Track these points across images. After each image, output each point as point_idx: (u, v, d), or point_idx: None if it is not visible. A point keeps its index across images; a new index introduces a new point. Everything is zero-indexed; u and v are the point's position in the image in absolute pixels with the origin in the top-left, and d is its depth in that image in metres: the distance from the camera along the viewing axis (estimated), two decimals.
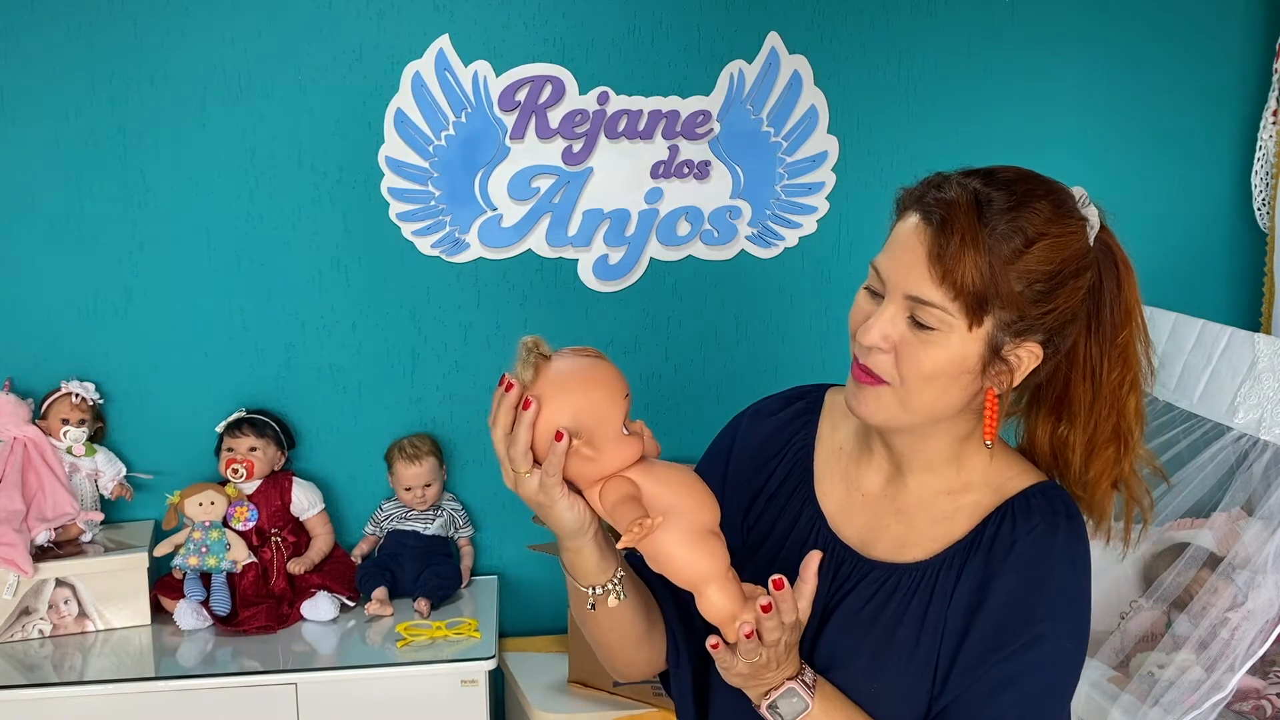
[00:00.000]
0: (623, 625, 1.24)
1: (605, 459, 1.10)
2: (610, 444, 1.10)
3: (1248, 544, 2.47)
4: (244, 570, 2.57)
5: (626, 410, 1.11)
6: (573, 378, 1.10)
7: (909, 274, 1.10)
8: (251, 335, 2.71)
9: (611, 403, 1.10)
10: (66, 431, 2.54)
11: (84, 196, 2.62)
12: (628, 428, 1.11)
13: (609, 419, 1.09)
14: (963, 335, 1.10)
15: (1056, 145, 2.87)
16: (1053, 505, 1.18)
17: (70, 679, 2.33)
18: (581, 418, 1.09)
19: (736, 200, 2.78)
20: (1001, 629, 1.13)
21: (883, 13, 2.77)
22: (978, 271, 1.07)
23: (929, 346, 1.10)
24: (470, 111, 2.67)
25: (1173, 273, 2.96)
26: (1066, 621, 1.14)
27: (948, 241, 1.07)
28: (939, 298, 1.09)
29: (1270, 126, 2.84)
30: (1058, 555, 1.15)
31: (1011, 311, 1.09)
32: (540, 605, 2.84)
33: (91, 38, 2.57)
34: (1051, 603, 1.13)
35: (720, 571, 1.10)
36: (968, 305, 1.08)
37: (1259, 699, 2.33)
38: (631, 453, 1.11)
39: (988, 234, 1.08)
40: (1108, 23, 2.86)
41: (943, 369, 1.11)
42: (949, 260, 1.07)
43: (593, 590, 1.17)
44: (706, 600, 1.10)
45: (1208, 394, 2.50)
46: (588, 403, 1.09)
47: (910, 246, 1.10)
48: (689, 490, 1.12)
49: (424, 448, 2.69)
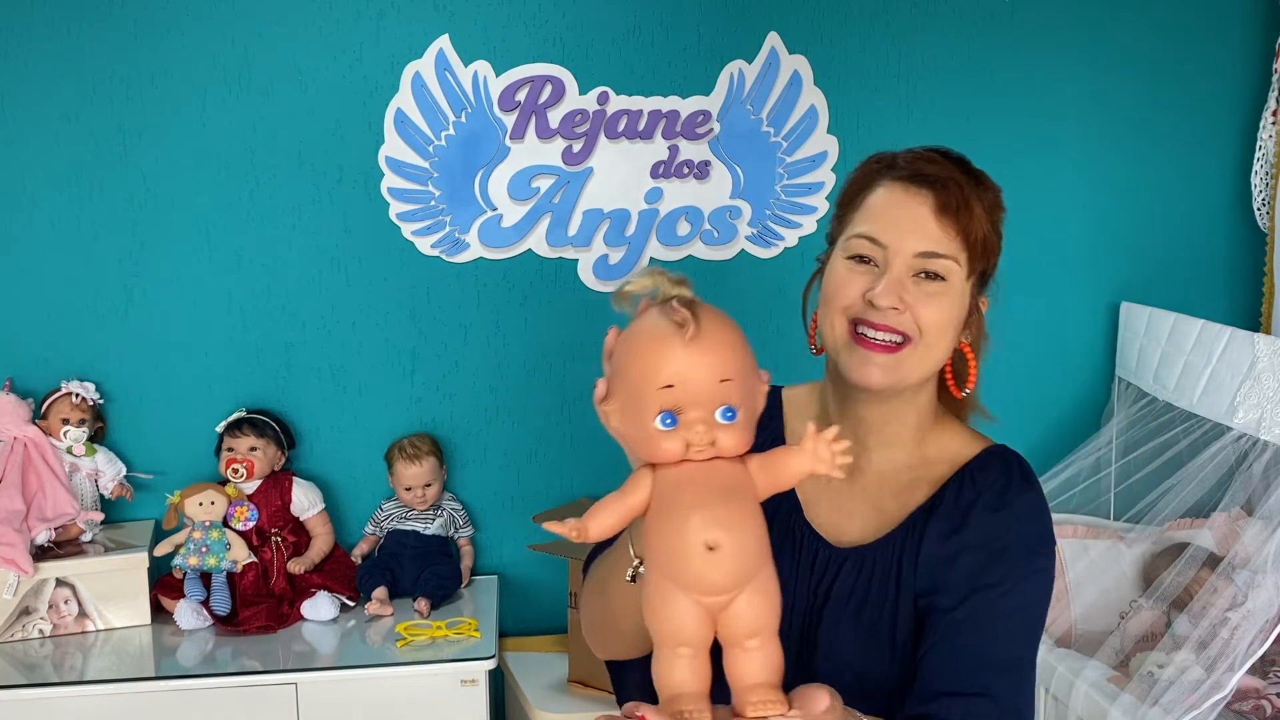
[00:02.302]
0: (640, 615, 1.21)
1: (633, 438, 0.99)
2: (636, 426, 0.98)
3: (1248, 544, 2.48)
4: (244, 570, 2.57)
5: (669, 404, 0.95)
6: (635, 330, 0.99)
7: (916, 232, 1.18)
8: (251, 335, 2.71)
9: (644, 383, 0.96)
10: (67, 431, 2.54)
11: (84, 196, 2.62)
12: (672, 421, 0.95)
13: (638, 400, 0.96)
14: (961, 285, 1.20)
15: (1057, 145, 2.87)
16: (1007, 461, 1.25)
17: (70, 679, 2.33)
18: (615, 378, 1.00)
19: (736, 200, 2.78)
20: (979, 571, 1.17)
21: (883, 13, 2.78)
22: (984, 217, 1.19)
23: (939, 297, 1.19)
24: (470, 111, 2.67)
25: (1173, 273, 2.96)
26: (1039, 559, 1.20)
27: (950, 197, 1.17)
28: (952, 248, 1.18)
29: (1270, 126, 2.84)
30: (1020, 501, 1.21)
31: (990, 259, 1.23)
32: (540, 605, 2.84)
33: (91, 37, 2.57)
34: (1024, 541, 1.19)
35: (670, 639, 0.96)
36: (973, 253, 1.19)
37: (1259, 699, 2.34)
38: (656, 450, 0.97)
39: (978, 189, 1.21)
40: (1108, 22, 2.86)
41: (950, 317, 1.20)
42: (958, 210, 1.17)
43: (640, 562, 1.12)
44: (654, 660, 0.98)
45: (1208, 394, 2.50)
46: (623, 365, 0.99)
47: (909, 208, 1.18)
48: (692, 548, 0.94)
49: (424, 448, 2.69)
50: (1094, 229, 2.93)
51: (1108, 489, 2.86)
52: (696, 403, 0.96)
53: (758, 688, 0.97)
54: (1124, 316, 2.90)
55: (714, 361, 0.96)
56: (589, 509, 1.00)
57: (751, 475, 1.00)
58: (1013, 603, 1.17)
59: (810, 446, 0.99)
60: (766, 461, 1.00)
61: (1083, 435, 2.94)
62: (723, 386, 0.96)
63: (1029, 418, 2.96)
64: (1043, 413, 2.98)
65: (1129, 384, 2.86)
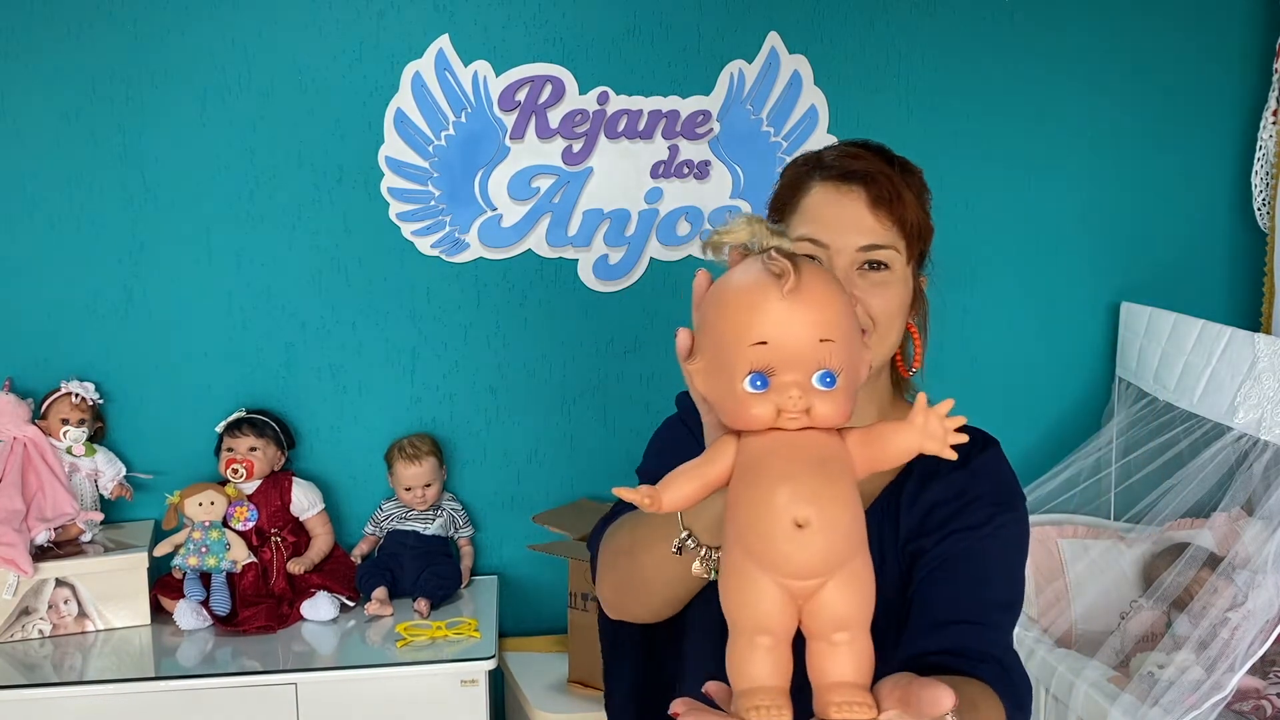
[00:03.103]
0: (674, 586, 1.15)
1: (718, 401, 0.89)
2: (723, 387, 0.88)
3: (1248, 544, 2.48)
4: (244, 570, 2.57)
5: (761, 364, 0.85)
6: (727, 281, 0.89)
7: (855, 228, 1.21)
8: (251, 335, 2.71)
9: (733, 339, 0.86)
10: (66, 431, 2.54)
11: (84, 196, 2.62)
12: (763, 383, 0.85)
13: (727, 358, 0.86)
14: (903, 270, 1.23)
15: (1057, 145, 2.87)
16: (970, 433, 1.25)
17: (70, 679, 2.33)
18: (702, 332, 0.90)
19: (736, 200, 2.78)
20: (957, 515, 1.21)
21: (883, 13, 2.78)
22: (915, 203, 1.23)
23: (886, 286, 1.22)
24: (470, 111, 2.67)
25: (1173, 273, 2.96)
26: (1014, 509, 1.24)
27: (881, 189, 1.21)
28: (890, 238, 1.21)
29: (1270, 126, 2.84)
30: (984, 457, 1.26)
31: (926, 241, 1.26)
32: (540, 605, 2.84)
33: (91, 38, 2.57)
34: (996, 491, 1.24)
35: (749, 626, 0.86)
36: (910, 239, 1.23)
37: (1259, 699, 2.33)
38: (744, 415, 0.86)
39: (905, 176, 1.24)
40: (1108, 22, 2.86)
41: (900, 303, 1.23)
42: (892, 202, 1.21)
43: (690, 538, 1.07)
44: (728, 647, 0.88)
45: (1208, 394, 2.50)
46: (710, 318, 0.89)
47: (844, 206, 1.22)
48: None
49: (424, 448, 2.69)
50: (1094, 229, 2.93)
51: (1108, 489, 2.86)
52: (792, 364, 0.85)
53: (843, 687, 0.86)
54: (1124, 316, 2.90)
55: (814, 318, 0.85)
56: (665, 477, 0.90)
57: (849, 450, 0.89)
58: (996, 546, 1.20)
59: (921, 421, 0.88)
60: (868, 436, 0.89)
61: (1083, 435, 2.94)
62: (822, 347, 0.85)
63: (1029, 418, 2.96)
64: (1043, 413, 2.98)
65: (1129, 384, 2.86)
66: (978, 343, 2.92)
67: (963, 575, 1.18)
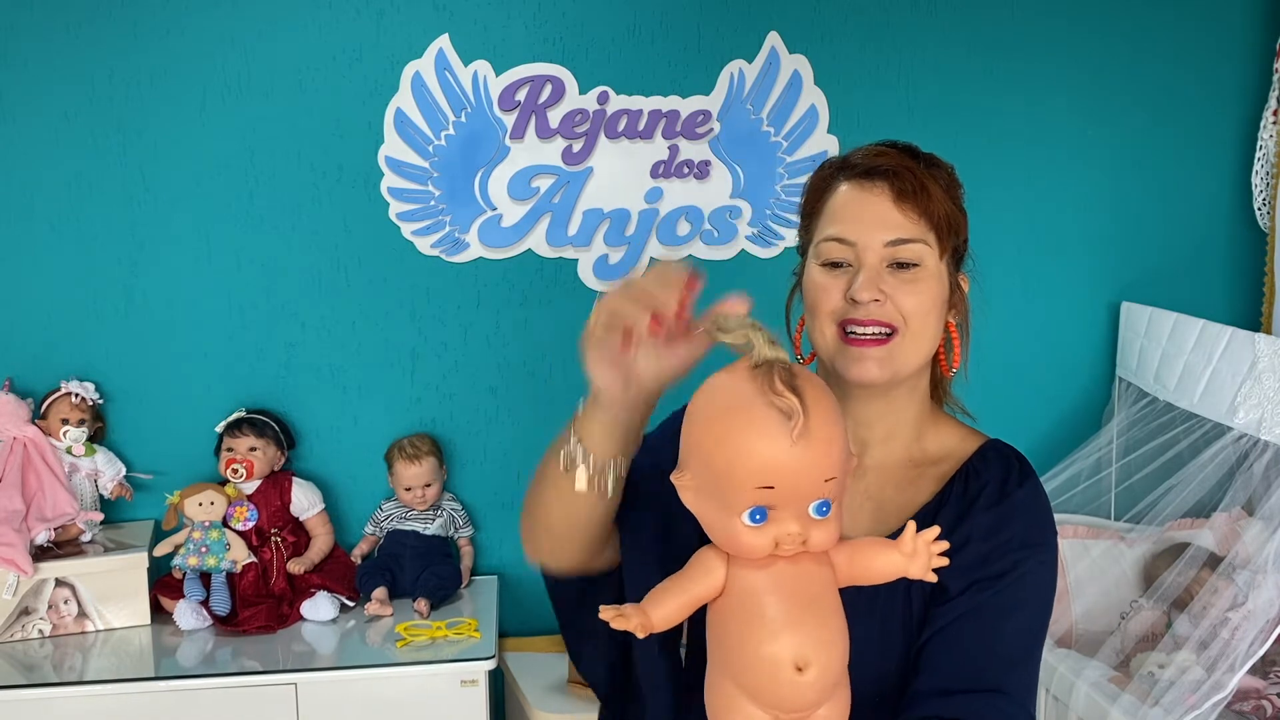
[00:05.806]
0: (572, 516, 1.21)
1: (711, 525, 0.90)
2: (718, 515, 0.88)
3: (1248, 544, 2.48)
4: (244, 570, 2.57)
5: (765, 501, 0.86)
6: (727, 406, 0.88)
7: (880, 224, 1.20)
8: (251, 335, 2.71)
9: (738, 475, 0.86)
10: (66, 431, 2.54)
11: (84, 196, 2.62)
12: (763, 518, 0.86)
13: (727, 489, 0.87)
14: (936, 265, 1.22)
15: (1057, 145, 2.87)
16: (1004, 455, 1.27)
17: (70, 679, 2.33)
18: (693, 452, 0.90)
19: (736, 200, 2.78)
20: (984, 562, 1.18)
21: (883, 13, 2.77)
22: (943, 196, 1.22)
23: (917, 283, 1.21)
24: (470, 111, 2.67)
25: (1173, 273, 2.96)
26: (1043, 550, 1.21)
27: (905, 183, 1.20)
28: (918, 231, 1.20)
29: (1270, 126, 2.84)
30: (1019, 494, 1.23)
31: (960, 235, 1.25)
32: (540, 605, 2.81)
33: (91, 38, 2.57)
34: (1027, 532, 1.20)
35: None
36: (940, 232, 1.21)
37: (1259, 699, 2.33)
38: (738, 545, 0.87)
39: (931, 170, 1.23)
40: (1108, 23, 2.86)
41: (934, 300, 1.22)
42: (917, 194, 1.20)
43: (578, 440, 1.14)
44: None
45: (1208, 394, 2.50)
46: (707, 443, 0.89)
47: (869, 203, 1.21)
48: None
49: (424, 448, 2.69)
50: (1094, 229, 2.93)
51: (1108, 489, 2.86)
52: (794, 501, 0.86)
53: None
54: (1124, 316, 2.90)
55: (822, 462, 0.86)
56: (649, 594, 0.91)
57: (836, 564, 0.91)
58: (1018, 595, 1.17)
59: (909, 548, 0.91)
60: (855, 555, 0.92)
61: (1083, 435, 2.94)
62: (825, 485, 0.87)
63: (1029, 418, 2.96)
64: (1043, 413, 2.98)
65: (1129, 384, 2.86)
66: (978, 342, 2.89)
67: (977, 633, 1.16)
